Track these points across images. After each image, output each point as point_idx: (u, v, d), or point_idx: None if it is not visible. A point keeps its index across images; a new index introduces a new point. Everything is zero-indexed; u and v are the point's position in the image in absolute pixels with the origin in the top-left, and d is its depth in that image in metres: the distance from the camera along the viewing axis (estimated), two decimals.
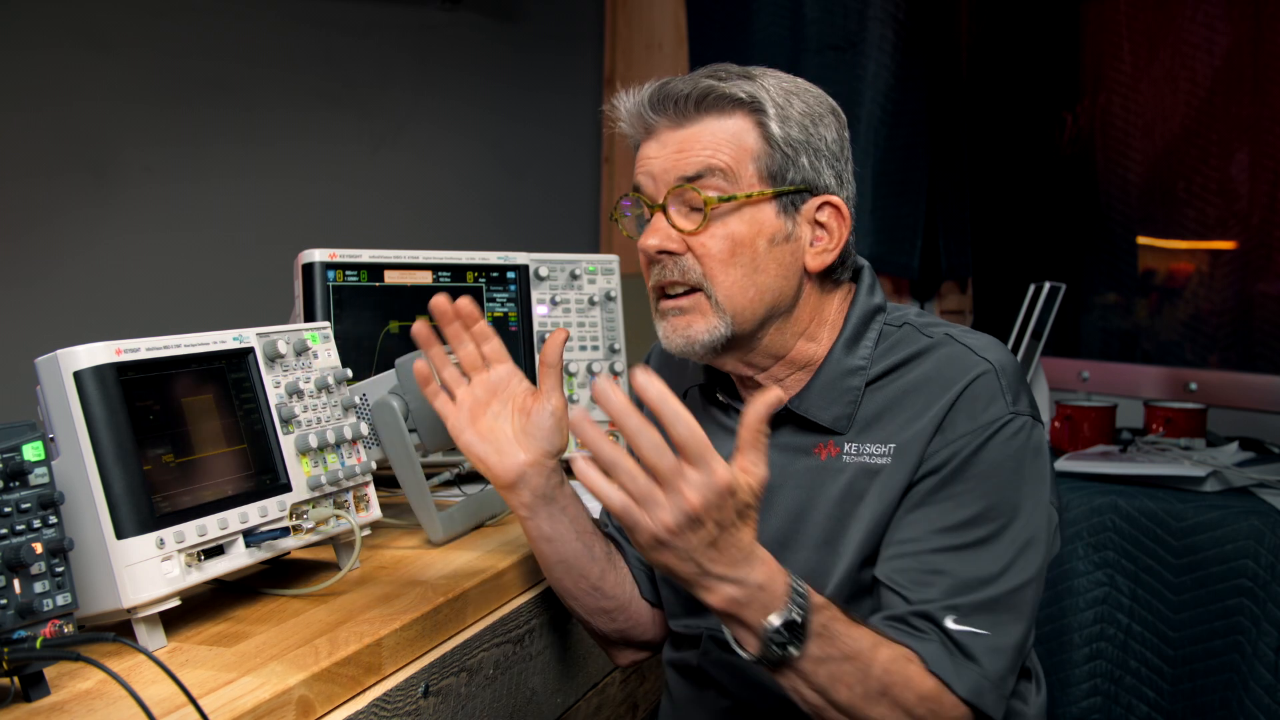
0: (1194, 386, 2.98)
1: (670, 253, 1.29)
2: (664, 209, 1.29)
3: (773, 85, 1.30)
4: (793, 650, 1.08)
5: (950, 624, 1.18)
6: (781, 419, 1.34)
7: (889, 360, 1.31)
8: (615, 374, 2.01)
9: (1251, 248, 3.07)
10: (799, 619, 1.08)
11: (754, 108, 1.28)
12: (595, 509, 1.75)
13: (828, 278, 1.36)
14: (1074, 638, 2.31)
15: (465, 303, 1.35)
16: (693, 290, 1.29)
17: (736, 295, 1.28)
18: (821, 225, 1.32)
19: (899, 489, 1.25)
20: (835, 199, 1.32)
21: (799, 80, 1.34)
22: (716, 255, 1.27)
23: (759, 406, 1.06)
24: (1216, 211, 3.12)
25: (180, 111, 2.97)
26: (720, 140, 1.28)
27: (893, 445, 1.27)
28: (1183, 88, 3.15)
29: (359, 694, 1.20)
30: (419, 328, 1.34)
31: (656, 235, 1.29)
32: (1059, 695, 2.32)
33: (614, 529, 1.56)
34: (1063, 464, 2.43)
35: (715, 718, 1.39)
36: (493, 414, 1.36)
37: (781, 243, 1.30)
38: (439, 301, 1.34)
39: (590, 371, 1.99)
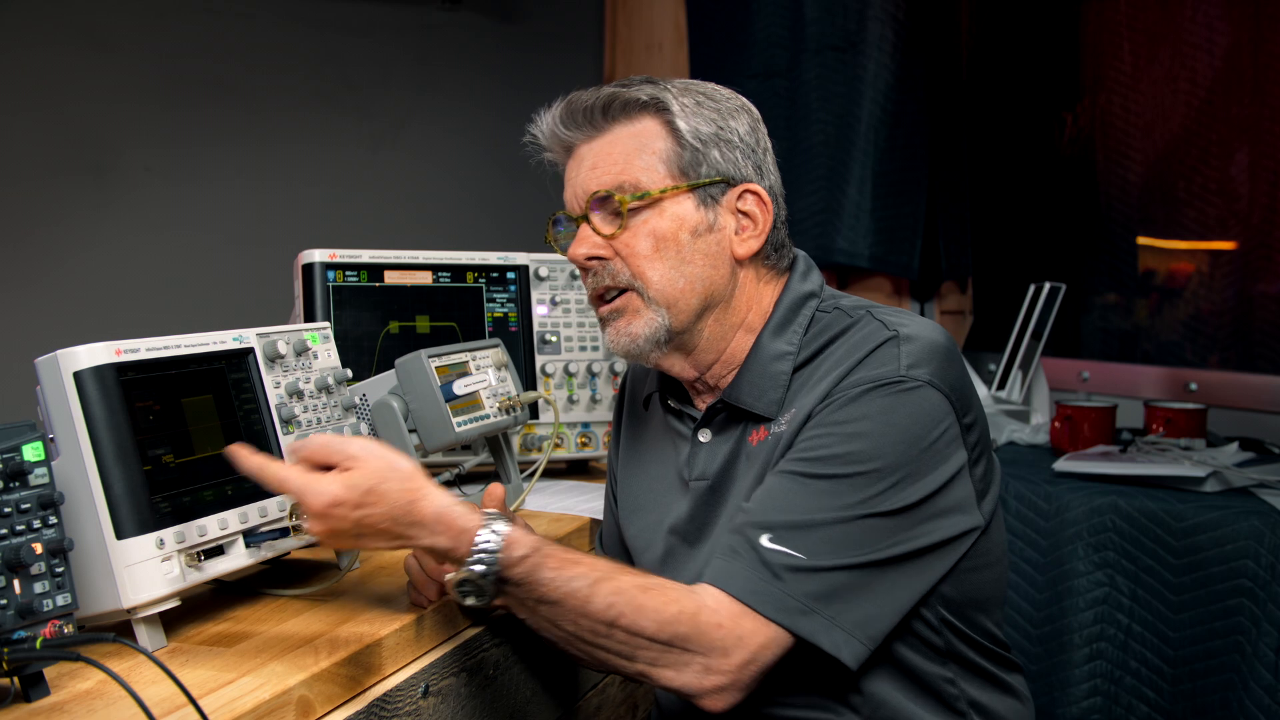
0: (1194, 387, 2.98)
1: (599, 259, 1.34)
2: (586, 219, 1.35)
3: (677, 87, 1.35)
4: (474, 601, 1.15)
5: (763, 541, 1.18)
6: (716, 410, 1.37)
7: (817, 343, 1.34)
8: (615, 374, 2.01)
9: (1251, 248, 3.06)
10: (480, 570, 1.14)
11: (659, 108, 1.33)
12: (592, 510, 1.75)
13: (764, 266, 1.38)
14: (1074, 638, 2.31)
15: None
16: (624, 291, 1.34)
17: (667, 288, 1.32)
18: (745, 214, 1.36)
19: (786, 446, 1.28)
20: (755, 187, 1.36)
21: (709, 84, 1.39)
22: (642, 253, 1.32)
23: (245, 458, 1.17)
24: (1216, 211, 3.12)
25: (180, 111, 2.97)
26: (630, 147, 1.33)
27: (793, 411, 1.30)
28: (1183, 88, 3.15)
29: (359, 694, 1.20)
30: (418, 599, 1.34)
31: (584, 244, 1.35)
32: (1059, 695, 2.32)
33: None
34: (1063, 464, 2.43)
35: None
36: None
37: (705, 233, 1.34)
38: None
39: (590, 372, 1.99)
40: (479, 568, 1.14)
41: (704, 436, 1.39)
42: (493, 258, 1.93)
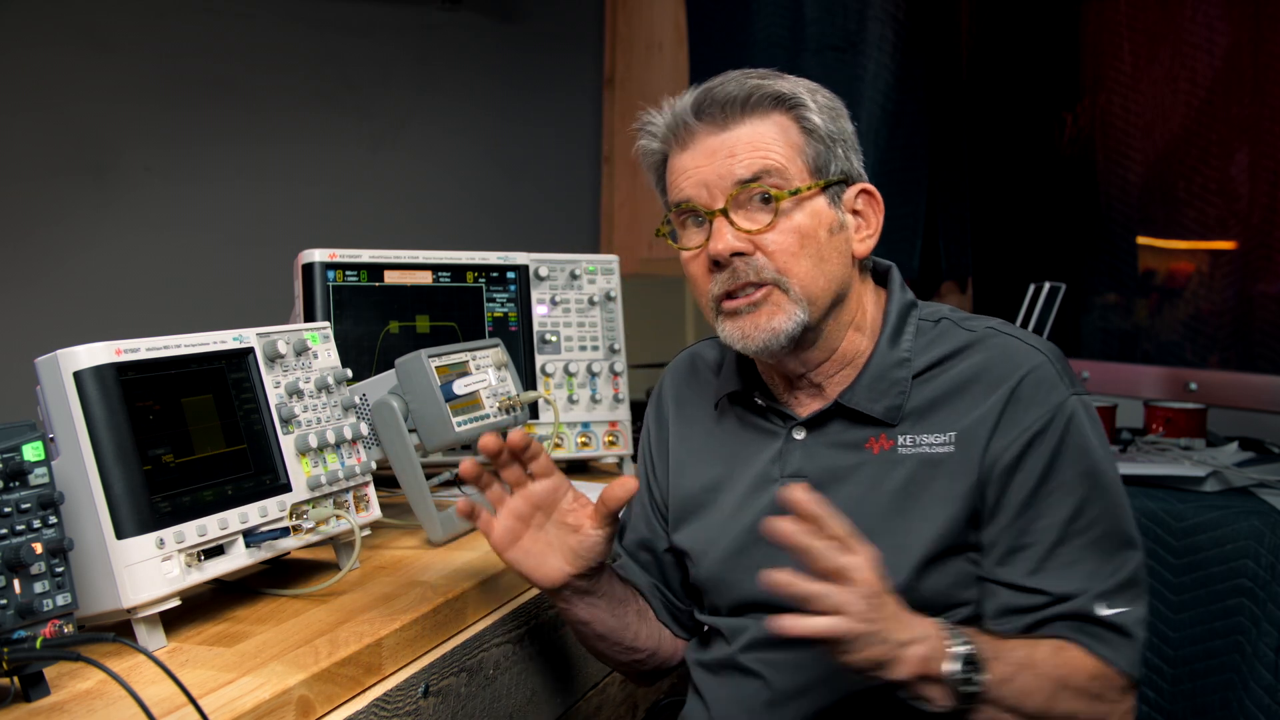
0: (1194, 386, 2.98)
1: (740, 254, 1.30)
2: (725, 214, 1.30)
3: (804, 85, 1.34)
4: (981, 677, 1.13)
5: (1102, 612, 1.23)
6: (831, 415, 1.36)
7: (934, 353, 1.34)
8: (615, 374, 2.01)
9: (1251, 248, 3.06)
10: (970, 649, 1.14)
11: (793, 103, 1.32)
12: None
13: (863, 268, 1.40)
14: None
15: (517, 435, 1.30)
16: (761, 286, 1.31)
17: (810, 285, 1.31)
18: (858, 213, 1.37)
19: (969, 475, 1.27)
20: (869, 186, 1.38)
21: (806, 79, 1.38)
22: (788, 249, 1.30)
23: (800, 500, 1.09)
24: (1216, 211, 3.12)
25: (180, 111, 2.97)
26: (768, 139, 1.31)
27: (953, 433, 1.29)
28: (1183, 88, 3.15)
29: (359, 694, 1.20)
30: (468, 466, 1.29)
31: (725, 240, 1.29)
32: None
33: (631, 571, 1.54)
34: None
35: (755, 712, 1.36)
36: (535, 526, 1.33)
37: (838, 231, 1.34)
38: (488, 442, 1.29)
39: (590, 371, 1.99)
40: (964, 646, 1.14)
41: (799, 434, 1.37)
42: (493, 258, 1.93)
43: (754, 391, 1.42)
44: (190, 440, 1.25)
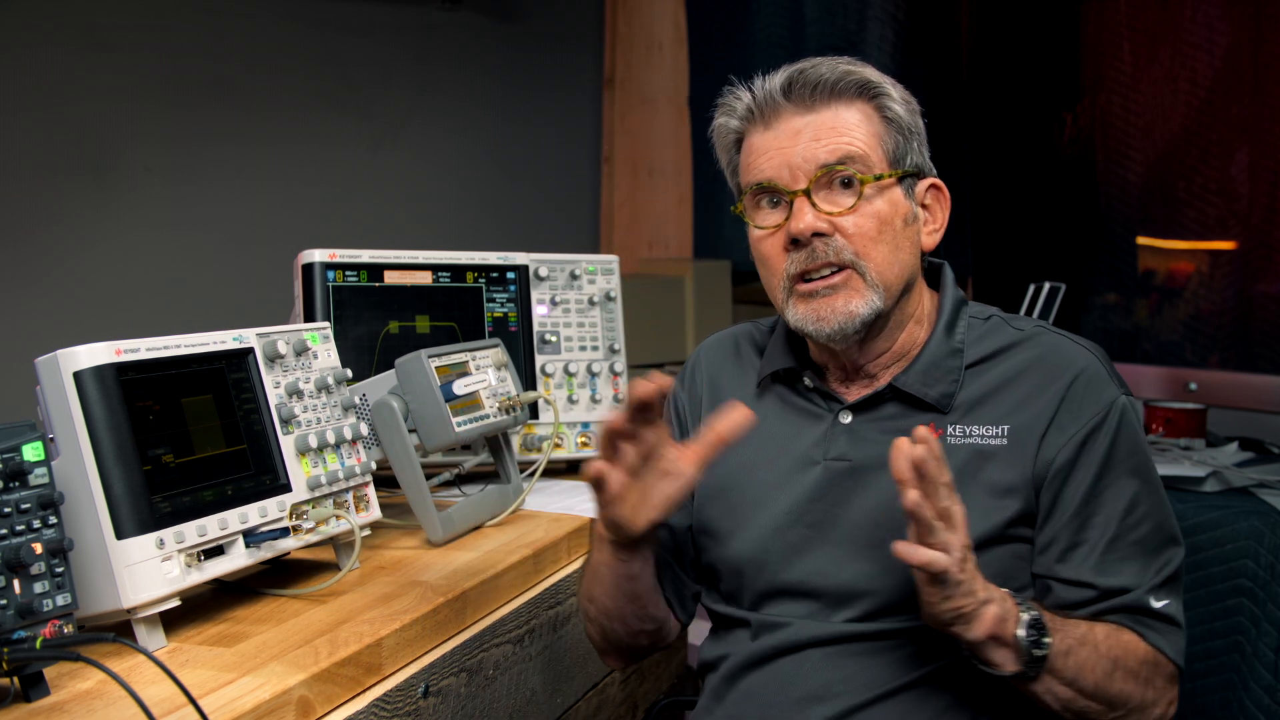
0: (1194, 386, 2.98)
1: (820, 235, 1.31)
2: (807, 194, 1.31)
3: (887, 79, 1.37)
4: (1046, 642, 1.18)
5: (1155, 604, 1.29)
6: (881, 399, 1.36)
7: (985, 346, 1.36)
8: (615, 374, 2.01)
9: (1251, 248, 3.06)
10: (1037, 614, 1.18)
11: (877, 92, 1.34)
12: (593, 510, 1.75)
13: (921, 264, 1.43)
14: None
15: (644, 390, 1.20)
16: (840, 269, 1.32)
17: (886, 271, 1.32)
18: (926, 207, 1.39)
19: (1021, 469, 1.29)
20: (938, 181, 1.40)
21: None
22: (868, 233, 1.31)
23: (918, 445, 1.12)
24: (1216, 211, 3.12)
25: (180, 111, 2.97)
26: (852, 125, 1.33)
27: (1006, 427, 1.31)
28: (1183, 88, 3.15)
29: (359, 694, 1.20)
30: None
31: (806, 219, 1.31)
32: None
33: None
34: None
35: (780, 709, 1.32)
36: (638, 476, 1.25)
37: (912, 222, 1.37)
38: (647, 390, 1.20)
39: (590, 371, 1.99)
40: (1030, 612, 1.18)
41: (845, 418, 1.37)
42: (493, 258, 1.93)
43: (804, 372, 1.42)
44: (190, 440, 1.25)
